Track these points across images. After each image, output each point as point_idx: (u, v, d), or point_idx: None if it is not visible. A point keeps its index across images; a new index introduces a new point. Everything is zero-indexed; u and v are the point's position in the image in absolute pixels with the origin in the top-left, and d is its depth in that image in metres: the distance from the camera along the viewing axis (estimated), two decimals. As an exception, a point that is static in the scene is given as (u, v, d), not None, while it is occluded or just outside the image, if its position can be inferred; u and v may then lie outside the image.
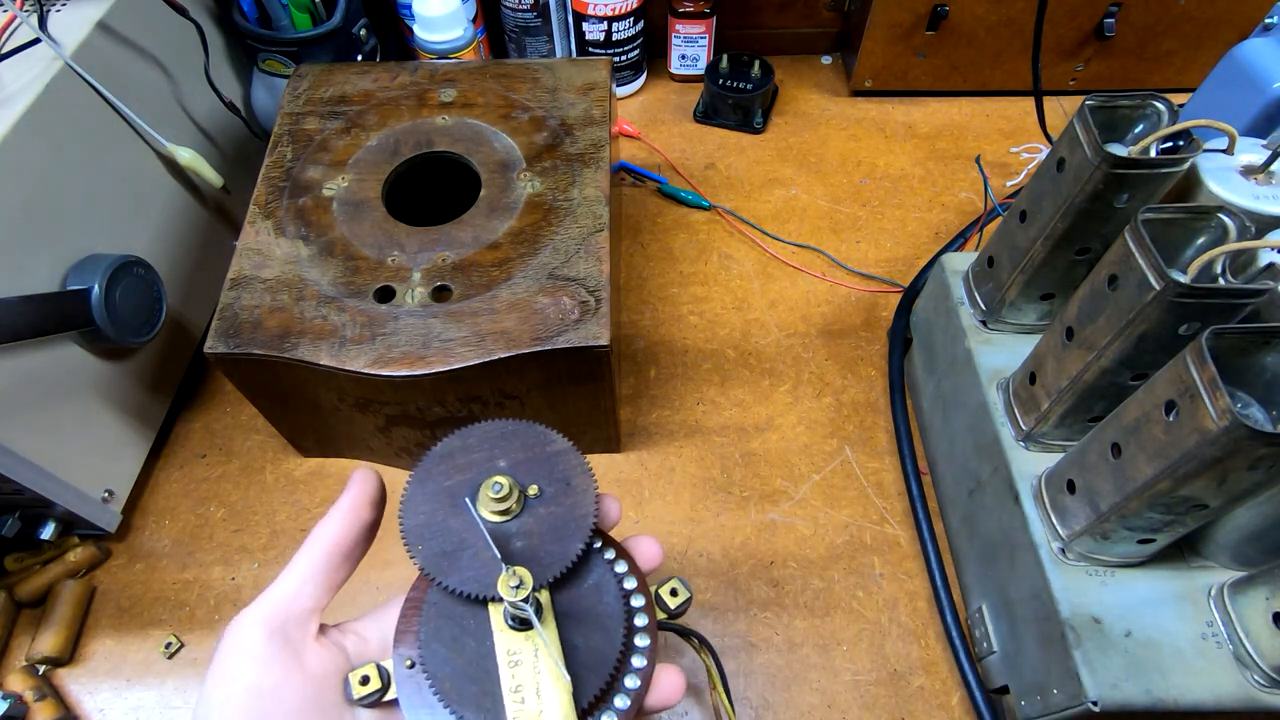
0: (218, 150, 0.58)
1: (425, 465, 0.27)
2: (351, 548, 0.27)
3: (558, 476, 0.27)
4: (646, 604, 0.27)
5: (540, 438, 0.28)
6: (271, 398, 0.47)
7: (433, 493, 0.26)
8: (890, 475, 0.52)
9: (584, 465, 0.27)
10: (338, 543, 0.27)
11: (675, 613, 0.28)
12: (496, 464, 0.27)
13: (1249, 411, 0.30)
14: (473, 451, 0.27)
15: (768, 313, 0.60)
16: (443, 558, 0.25)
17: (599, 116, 0.51)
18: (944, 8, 0.66)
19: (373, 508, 0.28)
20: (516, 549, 0.25)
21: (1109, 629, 0.36)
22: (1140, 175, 0.36)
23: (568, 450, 0.27)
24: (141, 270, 0.47)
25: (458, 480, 0.26)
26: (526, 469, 0.27)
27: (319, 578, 0.26)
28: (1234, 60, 0.47)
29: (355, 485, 0.28)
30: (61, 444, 0.44)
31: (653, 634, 0.26)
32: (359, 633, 0.28)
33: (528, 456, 0.27)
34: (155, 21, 0.51)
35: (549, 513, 0.26)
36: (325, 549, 0.27)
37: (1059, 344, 0.38)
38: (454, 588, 0.24)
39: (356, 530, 0.27)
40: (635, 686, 0.26)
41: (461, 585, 0.24)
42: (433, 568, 0.25)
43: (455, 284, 0.44)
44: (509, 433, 0.28)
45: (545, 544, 0.25)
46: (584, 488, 0.27)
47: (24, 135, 0.41)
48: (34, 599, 0.47)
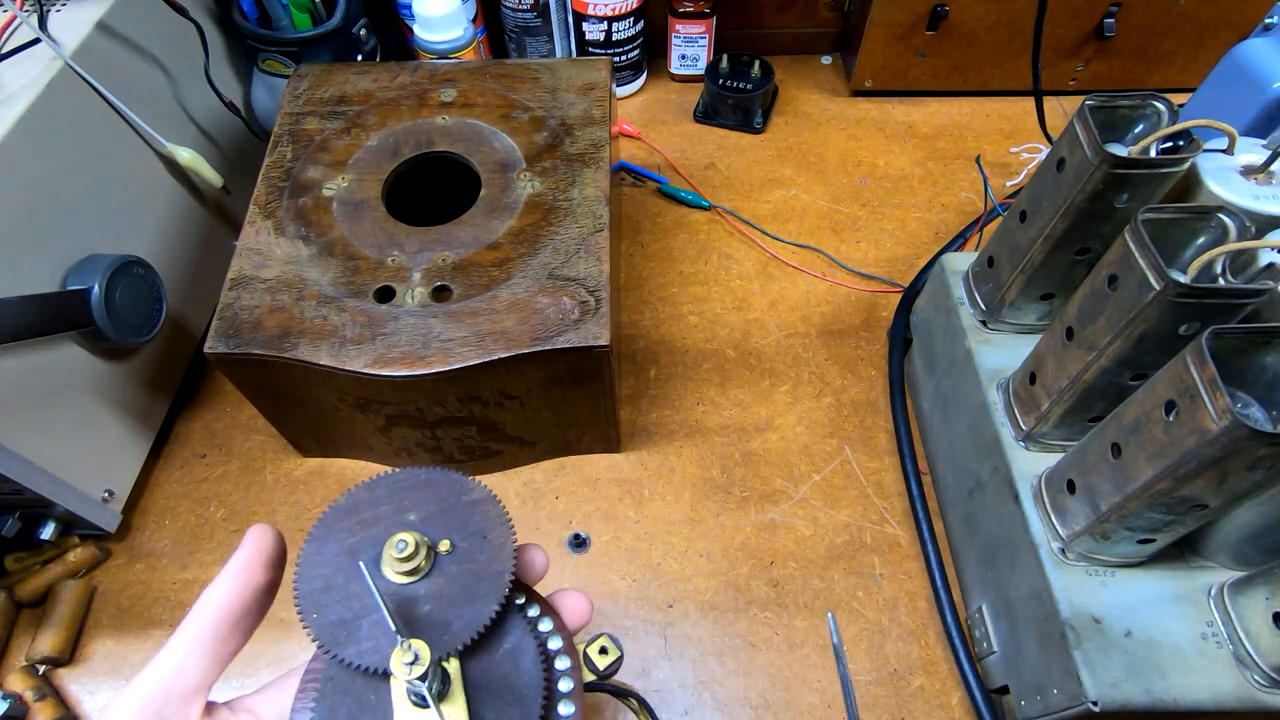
0: (218, 150, 0.58)
1: (325, 521, 0.24)
2: (242, 615, 0.24)
3: (473, 529, 0.24)
4: (572, 666, 0.25)
5: (456, 487, 0.25)
6: (271, 398, 0.47)
7: (333, 553, 0.24)
8: (890, 475, 0.52)
9: (503, 515, 0.25)
10: (227, 610, 0.24)
11: (605, 673, 0.26)
12: (406, 517, 0.24)
13: (1249, 411, 0.30)
14: (380, 504, 0.25)
15: (768, 313, 0.60)
16: (340, 627, 0.22)
17: (599, 116, 0.51)
18: (944, 8, 0.66)
19: (268, 568, 0.25)
20: (423, 614, 0.23)
21: (1109, 629, 0.36)
22: (1140, 175, 0.36)
23: (486, 499, 0.25)
24: (141, 270, 0.47)
25: (361, 537, 0.24)
26: (439, 522, 0.24)
27: (205, 650, 0.23)
28: (1234, 60, 0.47)
29: (248, 543, 0.25)
30: (61, 444, 0.44)
31: (578, 700, 0.24)
32: (253, 710, 0.25)
33: (441, 508, 0.25)
34: (155, 21, 0.51)
35: (461, 571, 0.24)
36: (212, 618, 0.24)
37: (1059, 344, 0.38)
38: (350, 661, 0.22)
39: (249, 595, 0.24)
40: None
41: (358, 659, 0.22)
42: (327, 639, 0.22)
43: (455, 284, 0.44)
44: (421, 482, 0.25)
45: (456, 607, 0.23)
46: (501, 541, 0.24)
47: (24, 135, 0.41)
48: (34, 599, 0.47)
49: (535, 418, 0.48)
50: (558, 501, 0.52)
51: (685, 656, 0.46)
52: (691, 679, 0.45)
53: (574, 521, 0.51)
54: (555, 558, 0.50)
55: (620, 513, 0.51)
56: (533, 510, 0.51)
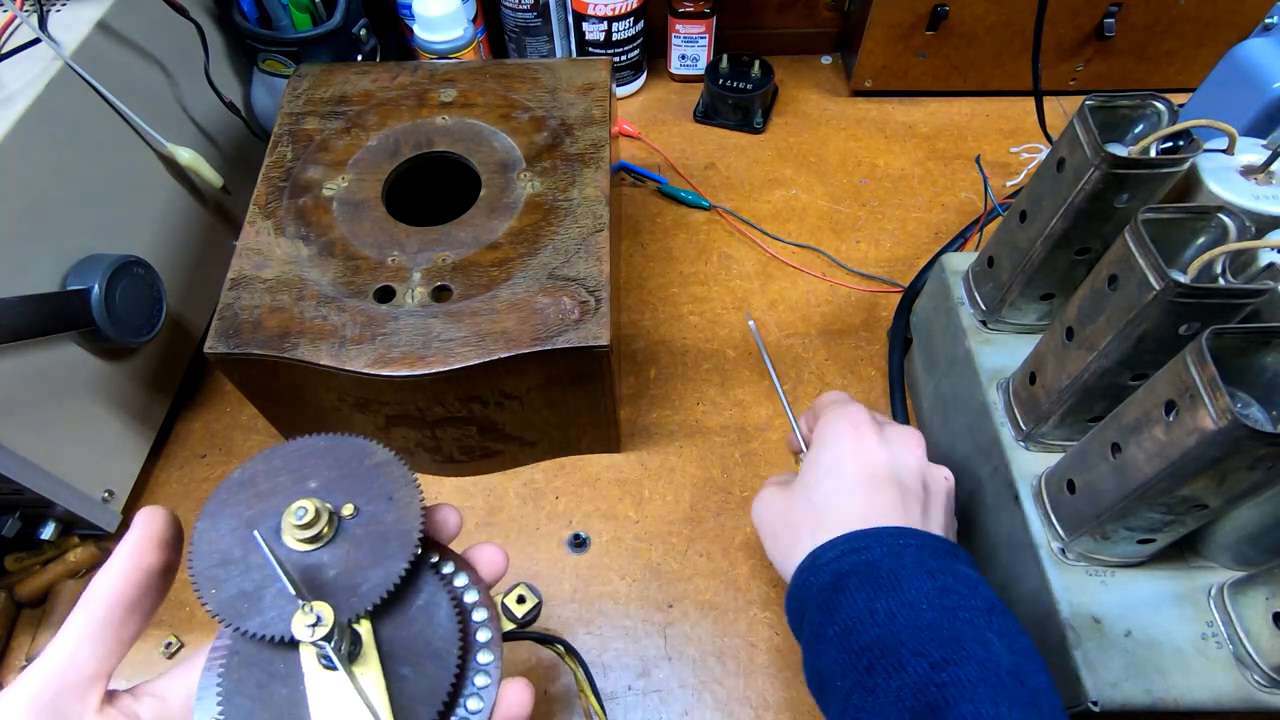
0: (218, 150, 0.58)
1: (219, 495, 0.24)
2: (137, 598, 0.23)
3: (377, 491, 0.24)
4: (490, 617, 0.25)
5: (357, 450, 0.25)
6: (271, 398, 0.47)
7: (230, 526, 0.23)
8: (890, 475, 0.52)
9: (407, 475, 0.24)
10: (119, 593, 0.23)
11: (524, 621, 0.26)
12: (306, 486, 0.24)
13: (1249, 411, 0.30)
14: (278, 475, 0.24)
15: (768, 313, 0.60)
16: (240, 600, 0.22)
17: (599, 116, 0.51)
18: (944, 8, 0.66)
19: (161, 549, 0.24)
20: (329, 579, 0.22)
21: (1109, 629, 0.36)
22: (1140, 175, 0.36)
23: (389, 461, 0.25)
24: (141, 270, 0.47)
25: (259, 510, 0.23)
26: (342, 487, 0.24)
27: (98, 636, 0.22)
28: (1234, 60, 0.47)
29: (138, 526, 0.24)
30: (61, 444, 0.44)
31: (496, 649, 0.24)
32: (158, 694, 0.24)
33: (342, 473, 0.24)
34: (155, 21, 0.51)
35: (367, 533, 0.23)
36: (103, 603, 0.23)
37: (1059, 344, 0.38)
38: (253, 632, 0.22)
39: (140, 577, 0.24)
40: (479, 709, 0.24)
41: (261, 629, 0.21)
42: (228, 612, 0.22)
43: (455, 284, 0.44)
44: (321, 449, 0.25)
45: (363, 569, 0.23)
46: (407, 500, 0.24)
47: (24, 135, 0.41)
48: (34, 599, 0.47)
49: (535, 418, 0.48)
50: (558, 501, 0.52)
51: (685, 656, 0.46)
52: (691, 679, 0.45)
53: (574, 521, 0.51)
54: (555, 558, 0.50)
55: (620, 513, 0.51)
56: (533, 510, 0.51)
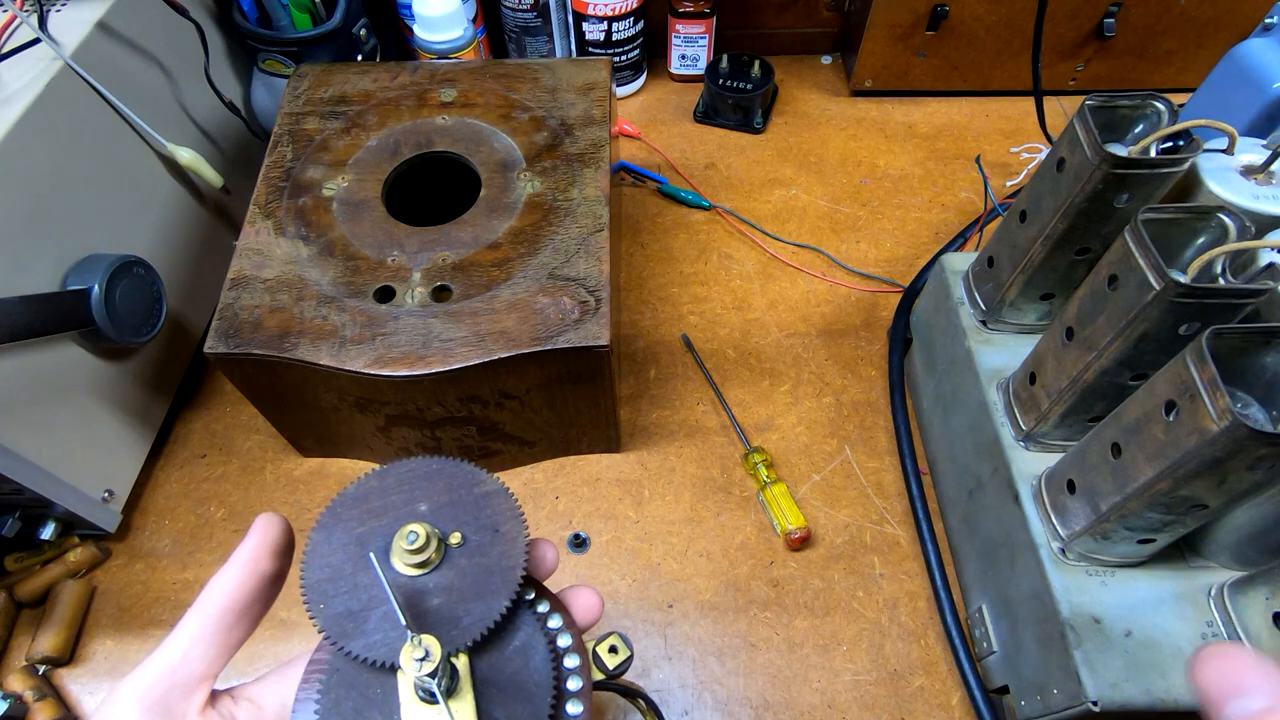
0: (218, 150, 0.58)
1: (334, 509, 0.24)
2: (249, 604, 0.24)
3: (485, 522, 0.24)
4: (581, 665, 0.24)
5: (468, 478, 0.25)
6: (271, 398, 0.47)
7: (341, 542, 0.23)
8: (890, 475, 0.52)
9: (515, 509, 0.24)
10: (233, 598, 0.24)
11: (614, 673, 0.25)
12: (416, 508, 0.24)
13: (1249, 411, 0.30)
14: (390, 493, 0.24)
15: (768, 313, 0.60)
16: (347, 619, 0.22)
17: (599, 116, 0.51)
18: (944, 8, 0.66)
19: (275, 557, 0.25)
20: (432, 608, 0.22)
21: (1109, 629, 0.36)
22: (1140, 175, 0.36)
23: (498, 492, 0.24)
24: (141, 270, 0.47)
25: (371, 527, 0.23)
26: (450, 514, 0.24)
27: (211, 639, 0.23)
28: (1234, 60, 0.47)
29: (255, 532, 0.25)
30: (61, 444, 0.44)
31: (586, 700, 0.24)
32: (255, 699, 0.24)
33: (452, 499, 0.24)
34: (155, 21, 0.51)
35: (472, 564, 0.23)
36: (218, 606, 0.23)
37: (1059, 344, 0.38)
38: (357, 654, 0.21)
39: (255, 584, 0.24)
40: None
41: (365, 652, 0.21)
42: (334, 630, 0.22)
43: (455, 284, 0.44)
44: (433, 472, 0.25)
45: (466, 601, 0.22)
46: (514, 535, 0.24)
47: (24, 135, 0.41)
48: (34, 599, 0.47)
49: (535, 418, 0.48)
50: (558, 501, 0.52)
51: (685, 656, 0.46)
52: (691, 679, 0.45)
53: (574, 521, 0.51)
54: (555, 558, 0.50)
55: (620, 513, 0.51)
56: (533, 510, 0.51)
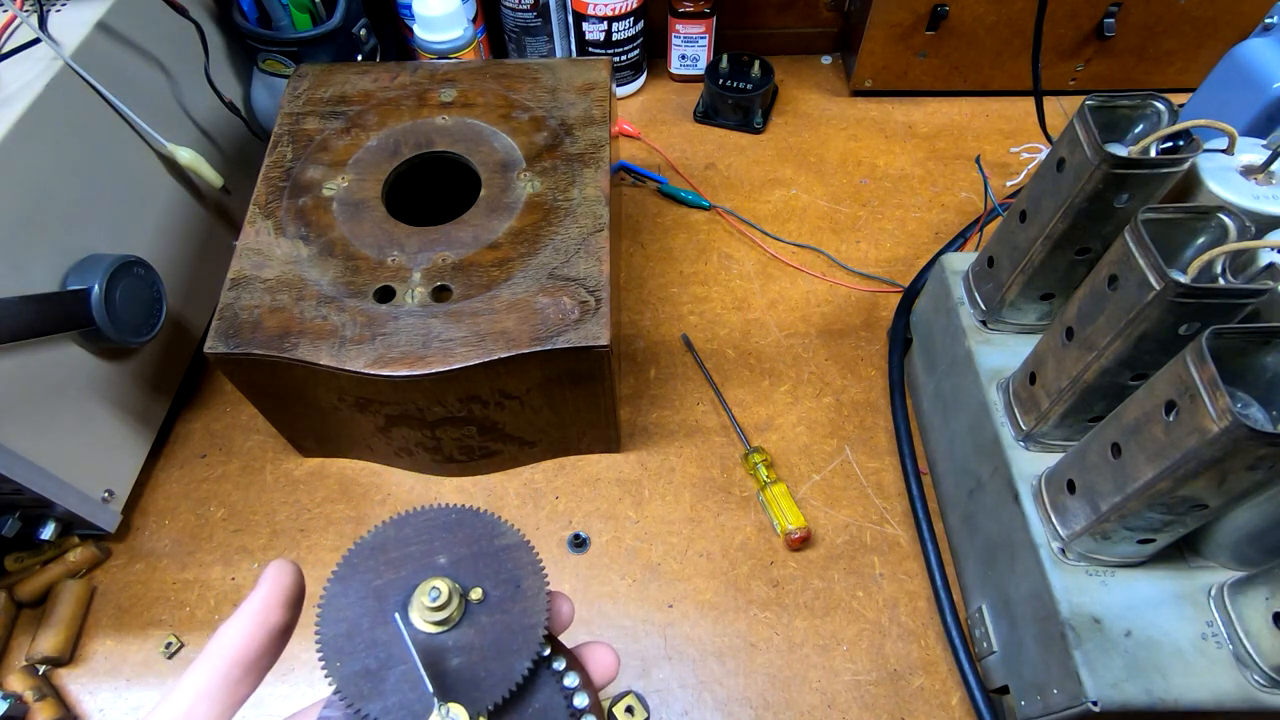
0: (218, 150, 0.58)
1: (351, 559, 0.23)
2: (258, 657, 0.22)
3: (505, 577, 0.23)
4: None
5: (488, 529, 0.24)
6: (271, 398, 0.47)
7: (359, 595, 0.22)
8: (890, 475, 0.52)
9: (535, 563, 0.23)
10: (242, 651, 0.22)
11: None
12: (436, 560, 0.23)
13: (1249, 411, 0.30)
14: (409, 544, 0.23)
15: (768, 313, 0.60)
16: (364, 678, 0.21)
17: (599, 116, 0.51)
18: (944, 8, 0.66)
19: (287, 608, 0.23)
20: (453, 668, 0.21)
21: (1109, 629, 0.36)
22: (1140, 175, 0.36)
23: (519, 545, 0.24)
24: (141, 270, 0.47)
25: (389, 580, 0.22)
26: (471, 567, 0.23)
27: (217, 694, 0.22)
28: (1234, 60, 0.47)
29: (266, 581, 0.23)
30: (61, 444, 0.44)
31: None
32: None
33: (473, 552, 0.23)
34: (155, 21, 0.51)
35: (493, 622, 0.22)
36: (226, 660, 0.22)
37: (1059, 344, 0.38)
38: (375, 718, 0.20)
39: (264, 636, 0.22)
40: None
41: (384, 716, 0.20)
42: (351, 691, 0.21)
43: (455, 284, 0.44)
44: (452, 523, 0.24)
45: (487, 661, 0.22)
46: (535, 591, 0.23)
47: (24, 135, 0.41)
48: (34, 599, 0.47)
49: (535, 418, 0.48)
50: (558, 501, 0.52)
51: (685, 656, 0.46)
52: (691, 679, 0.45)
53: (574, 521, 0.51)
54: (555, 558, 0.50)
55: (620, 513, 0.51)
56: (533, 510, 0.51)
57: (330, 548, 0.50)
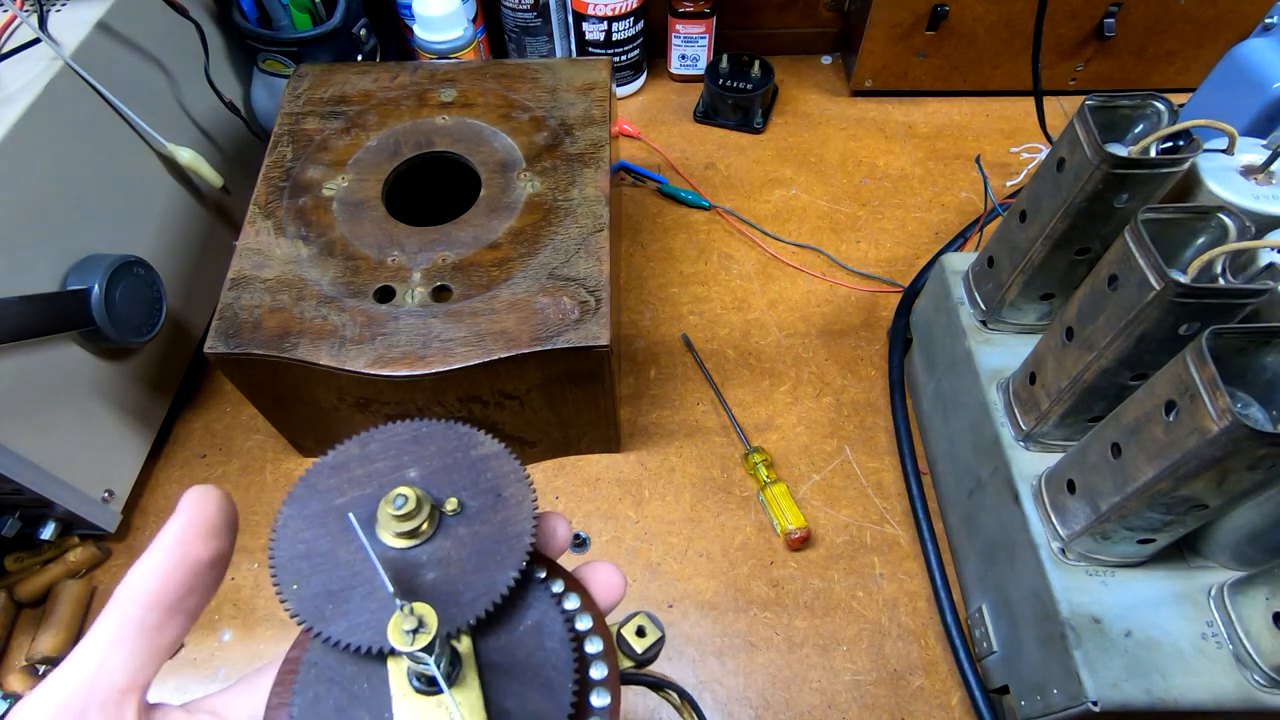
0: (218, 150, 0.58)
1: (308, 479, 0.21)
2: (179, 596, 0.19)
3: (484, 486, 0.21)
4: (605, 649, 0.21)
5: (463, 439, 0.22)
6: (271, 398, 0.47)
7: (318, 515, 0.20)
8: (890, 475, 0.52)
9: (520, 471, 0.21)
10: (158, 592, 0.19)
11: (643, 659, 0.22)
12: (405, 474, 0.21)
13: (1249, 411, 0.30)
14: (374, 460, 0.21)
15: (768, 313, 0.60)
16: (325, 599, 0.19)
17: (599, 116, 0.51)
18: (944, 8, 0.66)
19: (211, 537, 0.20)
20: (427, 583, 0.19)
21: (1109, 629, 0.36)
22: (1140, 175, 0.36)
23: (499, 453, 0.21)
24: (141, 270, 0.47)
25: (352, 497, 0.20)
26: (445, 478, 0.21)
27: (132, 642, 0.19)
28: (1234, 60, 0.47)
29: (184, 509, 0.20)
30: (61, 444, 0.44)
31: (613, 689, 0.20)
32: (217, 711, 0.20)
33: (446, 464, 0.21)
34: (155, 21, 0.51)
35: (472, 533, 0.20)
36: (140, 602, 0.19)
37: (1059, 344, 0.38)
38: (338, 639, 0.18)
39: (185, 572, 0.19)
40: None
41: (348, 636, 0.18)
42: (310, 614, 0.19)
43: (455, 284, 0.44)
44: (423, 435, 0.22)
45: (466, 574, 0.19)
46: (519, 499, 0.20)
47: (24, 135, 0.41)
48: (34, 599, 0.47)
49: (535, 418, 0.48)
50: (558, 501, 0.52)
51: (685, 656, 0.46)
52: (691, 679, 0.45)
53: (574, 521, 0.51)
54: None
55: (620, 513, 0.51)
56: (533, 510, 0.51)
57: (330, 548, 0.50)
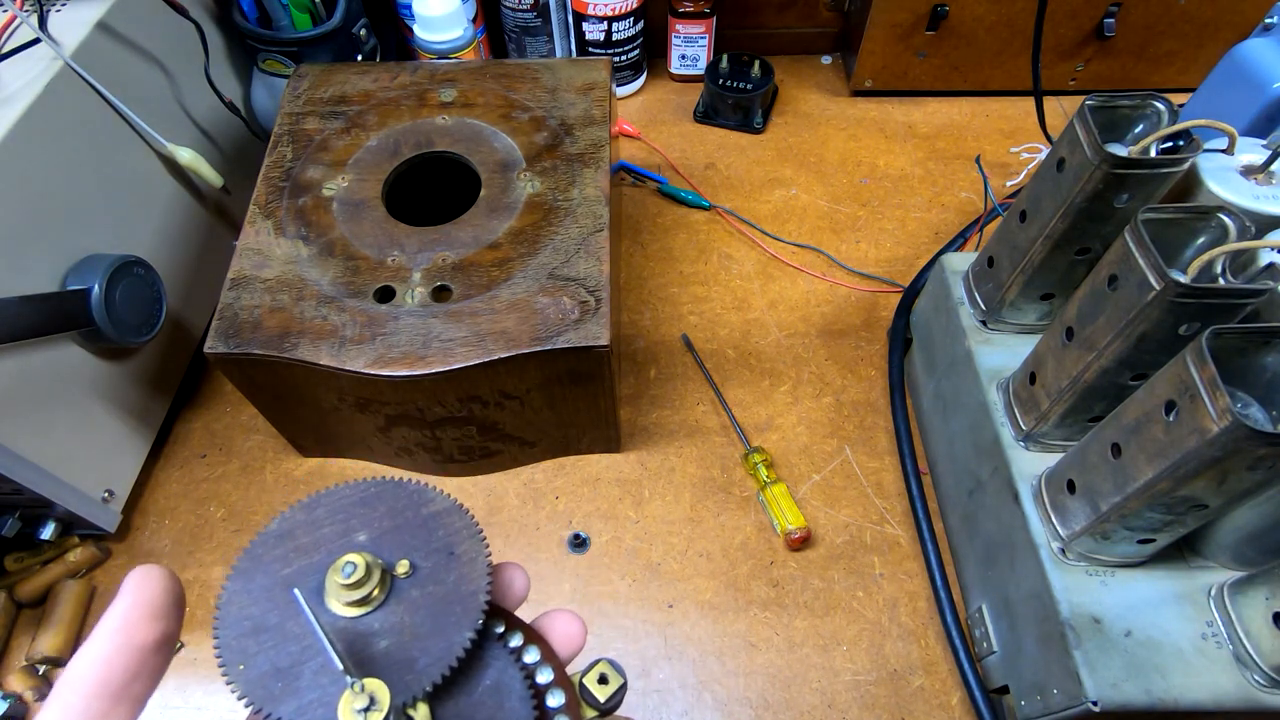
0: (218, 150, 0.58)
1: (253, 551, 0.20)
2: (126, 682, 0.18)
3: (436, 545, 0.20)
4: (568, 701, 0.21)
5: (413, 497, 0.21)
6: (271, 398, 0.47)
7: (264, 589, 0.20)
8: (890, 475, 0.52)
9: (472, 526, 0.21)
10: (103, 679, 0.18)
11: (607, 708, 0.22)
12: (353, 539, 0.20)
13: (1249, 411, 0.30)
14: (321, 526, 0.21)
15: (768, 313, 0.60)
16: (273, 678, 0.18)
17: (599, 116, 0.51)
18: (944, 8, 0.66)
19: (157, 619, 0.19)
20: (380, 652, 0.19)
21: (1109, 629, 0.36)
22: (1140, 175, 0.36)
23: (450, 509, 0.21)
24: (141, 270, 0.47)
25: (300, 566, 0.20)
26: (395, 540, 0.20)
27: None
28: (1234, 60, 0.47)
29: (126, 593, 0.19)
30: (61, 444, 0.44)
31: None
32: None
33: (396, 524, 0.21)
34: (155, 21, 0.51)
35: (425, 595, 0.20)
36: (83, 693, 0.18)
37: (1059, 344, 0.38)
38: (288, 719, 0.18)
39: (129, 658, 0.19)
40: None
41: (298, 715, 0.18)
42: (258, 694, 0.18)
43: (455, 284, 0.44)
44: (371, 496, 0.21)
45: (421, 639, 0.19)
46: (471, 555, 0.20)
47: (24, 135, 0.41)
48: (34, 599, 0.47)
49: (535, 418, 0.48)
50: (558, 501, 0.52)
51: (685, 656, 0.46)
52: (691, 679, 0.45)
53: (574, 521, 0.51)
54: (555, 558, 0.50)
55: (620, 513, 0.51)
56: (533, 510, 0.51)
57: (330, 548, 0.50)
